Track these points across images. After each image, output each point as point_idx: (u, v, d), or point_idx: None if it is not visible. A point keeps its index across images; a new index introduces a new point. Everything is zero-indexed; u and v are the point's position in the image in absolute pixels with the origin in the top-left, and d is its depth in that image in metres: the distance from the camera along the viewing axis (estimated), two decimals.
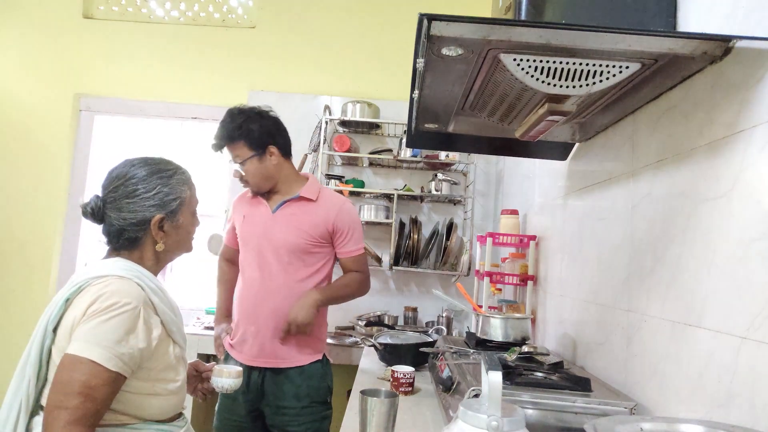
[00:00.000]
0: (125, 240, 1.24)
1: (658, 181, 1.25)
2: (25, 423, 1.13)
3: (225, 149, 1.93)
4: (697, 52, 0.99)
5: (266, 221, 1.93)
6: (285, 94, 3.45)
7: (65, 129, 3.51)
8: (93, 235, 3.63)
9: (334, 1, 3.56)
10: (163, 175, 1.27)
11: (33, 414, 1.15)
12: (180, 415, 1.30)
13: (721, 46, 0.98)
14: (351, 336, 2.99)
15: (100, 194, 1.25)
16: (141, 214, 1.23)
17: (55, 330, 1.14)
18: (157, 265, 1.30)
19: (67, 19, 3.56)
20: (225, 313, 2.09)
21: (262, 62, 3.53)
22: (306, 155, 3.22)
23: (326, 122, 3.21)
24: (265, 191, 1.97)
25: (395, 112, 3.34)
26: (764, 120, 0.90)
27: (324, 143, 3.19)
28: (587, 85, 1.07)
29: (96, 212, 1.23)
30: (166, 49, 3.55)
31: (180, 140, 3.64)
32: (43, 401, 1.15)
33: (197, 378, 1.48)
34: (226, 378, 1.43)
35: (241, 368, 1.48)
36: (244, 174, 1.93)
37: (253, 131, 1.88)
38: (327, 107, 3.32)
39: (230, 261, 2.13)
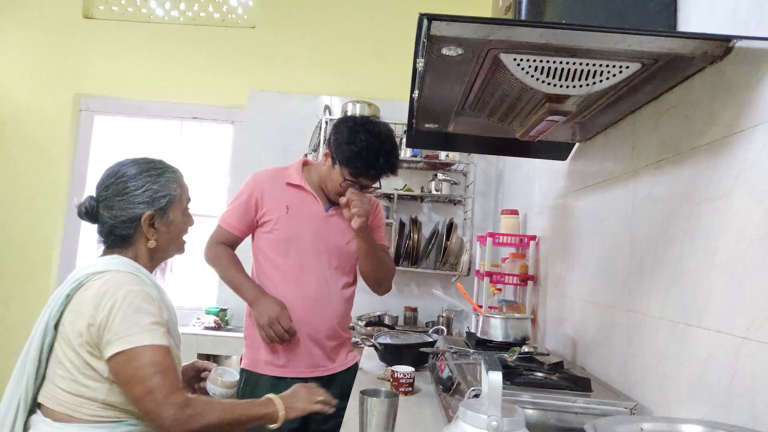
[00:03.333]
0: (117, 237, 1.27)
1: (658, 181, 1.25)
2: (23, 420, 1.15)
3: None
4: (698, 52, 0.99)
5: (320, 220, 1.77)
6: (285, 94, 3.45)
7: (65, 129, 3.51)
8: (93, 236, 3.62)
9: (333, 1, 3.56)
10: (153, 173, 1.29)
11: (30, 412, 1.17)
12: None
13: (721, 46, 0.98)
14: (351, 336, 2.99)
15: (94, 194, 1.28)
16: (131, 212, 1.25)
17: (56, 326, 1.16)
18: (151, 263, 1.32)
19: (67, 19, 3.56)
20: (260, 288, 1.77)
21: (262, 62, 3.53)
22: (306, 155, 3.22)
23: (326, 122, 3.21)
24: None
25: (395, 112, 3.34)
26: (764, 120, 0.90)
27: (324, 143, 3.19)
28: (587, 85, 1.07)
29: (90, 212, 1.26)
30: (166, 49, 3.55)
31: (180, 140, 3.64)
32: (41, 399, 1.17)
33: (196, 378, 1.48)
34: (219, 387, 1.42)
35: (237, 378, 1.46)
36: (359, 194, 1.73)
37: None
38: (327, 107, 3.32)
39: (230, 246, 1.83)
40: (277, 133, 3.42)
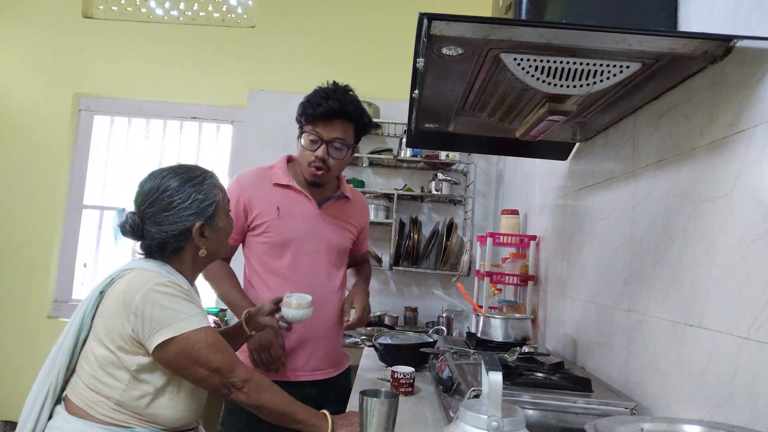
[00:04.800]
0: (169, 252, 1.26)
1: (658, 180, 1.25)
2: (50, 409, 1.19)
3: (330, 122, 1.69)
4: (698, 52, 0.99)
5: (313, 218, 1.74)
6: (285, 94, 3.45)
7: (65, 129, 3.51)
8: (91, 236, 3.63)
9: (333, 1, 3.55)
10: (195, 182, 1.27)
11: (56, 403, 1.21)
12: (194, 428, 1.32)
13: (721, 46, 0.98)
14: (351, 336, 2.99)
15: (134, 210, 1.26)
16: (181, 225, 1.24)
17: (91, 321, 1.20)
18: (194, 270, 1.33)
19: (66, 18, 3.56)
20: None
21: (262, 62, 3.52)
22: None
23: None
24: (321, 184, 1.77)
25: (395, 112, 3.34)
26: (765, 120, 0.90)
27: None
28: (588, 84, 1.07)
29: (135, 229, 1.24)
30: (166, 49, 3.55)
31: (179, 140, 3.63)
32: (66, 390, 1.21)
33: (276, 310, 1.51)
34: (294, 309, 1.45)
35: (310, 298, 1.47)
36: (329, 157, 1.69)
37: (366, 122, 1.80)
38: None
39: (225, 259, 1.77)
40: (277, 133, 3.42)
